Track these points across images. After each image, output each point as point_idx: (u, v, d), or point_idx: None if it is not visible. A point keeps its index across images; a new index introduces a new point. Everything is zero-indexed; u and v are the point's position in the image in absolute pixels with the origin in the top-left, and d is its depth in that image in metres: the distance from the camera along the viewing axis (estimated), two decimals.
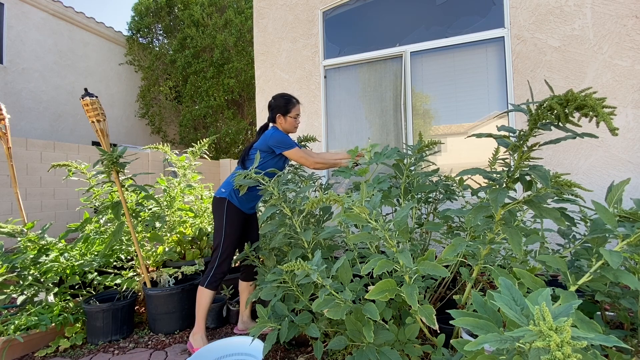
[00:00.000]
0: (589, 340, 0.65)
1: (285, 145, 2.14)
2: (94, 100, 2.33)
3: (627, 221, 1.16)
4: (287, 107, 2.24)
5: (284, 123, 2.25)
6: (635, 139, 2.64)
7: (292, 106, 2.25)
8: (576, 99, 0.98)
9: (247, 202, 2.17)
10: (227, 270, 2.10)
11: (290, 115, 2.25)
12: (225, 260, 2.07)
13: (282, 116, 2.24)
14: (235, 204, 2.10)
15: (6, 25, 7.07)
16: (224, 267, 2.07)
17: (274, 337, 1.59)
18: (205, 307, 2.05)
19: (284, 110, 2.24)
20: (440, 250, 2.91)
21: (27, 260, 2.32)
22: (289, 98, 2.27)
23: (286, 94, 2.31)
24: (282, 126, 2.26)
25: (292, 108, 2.25)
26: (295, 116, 2.28)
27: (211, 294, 2.05)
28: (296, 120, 2.29)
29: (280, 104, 2.25)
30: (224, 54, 8.79)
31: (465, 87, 3.24)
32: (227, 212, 2.10)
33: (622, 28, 2.67)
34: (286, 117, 2.24)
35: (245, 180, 1.95)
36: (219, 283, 2.08)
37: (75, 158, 5.85)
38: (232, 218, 2.09)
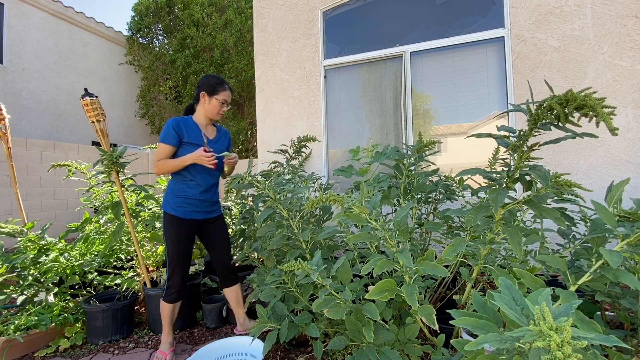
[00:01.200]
0: (589, 340, 0.65)
1: (160, 137, 1.96)
2: (94, 100, 2.33)
3: (626, 221, 1.16)
4: (216, 87, 2.03)
5: (207, 104, 2.03)
6: (635, 139, 2.64)
7: (221, 88, 2.04)
8: (576, 99, 0.98)
9: (181, 206, 1.98)
10: (178, 284, 2.01)
11: (216, 97, 2.02)
12: (174, 273, 1.99)
13: (207, 95, 2.02)
14: (171, 212, 1.98)
15: (6, 25, 7.07)
16: (175, 281, 2.00)
17: (274, 337, 1.59)
18: (168, 318, 2.05)
19: (211, 90, 2.02)
20: (440, 250, 2.91)
21: (27, 260, 2.32)
22: (222, 80, 2.08)
23: (219, 77, 2.10)
24: (204, 107, 2.04)
25: (222, 91, 2.03)
26: (223, 101, 2.05)
27: (170, 307, 2.03)
28: (222, 106, 2.06)
29: (210, 82, 2.04)
30: (224, 54, 8.78)
31: (465, 87, 3.24)
32: (164, 223, 2.00)
33: (622, 28, 2.67)
34: (211, 97, 2.02)
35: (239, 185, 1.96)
36: (176, 296, 2.02)
37: (75, 158, 5.84)
38: (169, 228, 1.98)
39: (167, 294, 2.02)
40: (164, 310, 2.04)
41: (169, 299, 2.02)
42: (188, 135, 1.99)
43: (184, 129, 1.98)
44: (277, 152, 3.48)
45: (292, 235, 1.87)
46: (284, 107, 4.00)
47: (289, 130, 3.96)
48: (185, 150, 1.98)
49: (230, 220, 3.38)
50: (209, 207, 2.10)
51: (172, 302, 2.03)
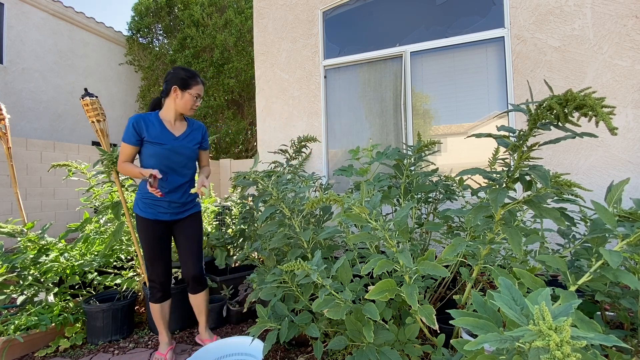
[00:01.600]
0: (588, 340, 0.65)
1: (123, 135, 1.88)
2: (94, 100, 2.33)
3: (626, 221, 1.16)
4: (189, 81, 1.90)
5: (179, 99, 1.91)
6: (635, 139, 2.64)
7: (194, 82, 1.91)
8: (575, 99, 0.98)
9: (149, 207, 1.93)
10: (160, 284, 1.97)
11: (189, 91, 1.90)
12: (152, 274, 1.97)
13: (180, 89, 1.90)
14: (139, 214, 1.95)
15: (6, 25, 7.07)
16: (154, 280, 1.97)
17: (274, 337, 1.59)
18: (159, 319, 2.03)
19: (183, 84, 1.89)
20: (440, 250, 2.91)
21: (27, 260, 2.32)
22: (195, 73, 1.95)
23: (190, 70, 1.97)
24: (175, 102, 1.92)
25: (195, 85, 1.91)
26: (196, 95, 1.93)
27: (157, 307, 2.00)
28: (195, 100, 1.94)
29: (181, 75, 1.90)
30: (224, 54, 8.79)
31: (465, 87, 3.24)
32: (136, 225, 1.97)
33: (622, 28, 2.67)
34: (184, 92, 1.90)
35: (244, 182, 1.96)
36: (160, 295, 1.99)
37: (75, 158, 5.85)
38: (140, 230, 1.95)
39: (151, 294, 2.00)
40: (153, 312, 2.02)
41: (153, 299, 2.00)
42: (149, 134, 1.89)
43: (143, 127, 1.88)
44: (277, 152, 3.48)
45: (293, 235, 1.87)
46: (284, 107, 4.00)
47: (289, 130, 3.96)
48: (148, 149, 1.89)
49: (230, 220, 3.38)
50: (177, 208, 2.00)
51: (157, 302, 2.00)
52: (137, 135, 1.87)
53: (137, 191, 2.01)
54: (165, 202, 1.96)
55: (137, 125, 1.87)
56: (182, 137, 1.99)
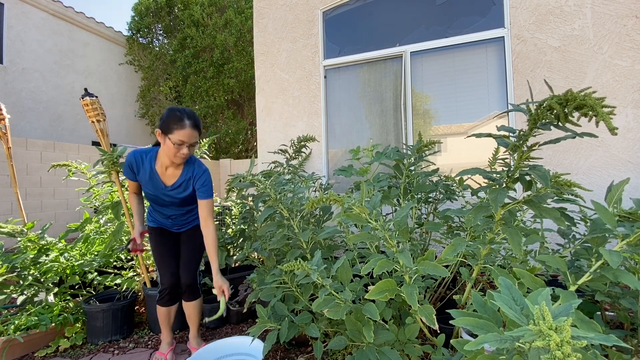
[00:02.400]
0: (588, 339, 0.65)
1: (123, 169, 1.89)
2: (94, 100, 2.33)
3: (626, 221, 1.16)
4: (171, 124, 1.66)
5: (163, 144, 1.73)
6: (635, 139, 2.64)
7: (178, 126, 1.65)
8: (575, 99, 0.98)
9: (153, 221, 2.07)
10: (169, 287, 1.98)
11: (170, 136, 1.67)
12: (161, 278, 2.01)
13: (162, 134, 1.70)
14: (148, 223, 2.09)
15: (6, 25, 7.07)
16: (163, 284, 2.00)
17: (274, 337, 1.59)
18: (164, 321, 2.05)
19: (165, 127, 1.68)
20: (440, 250, 2.91)
21: (27, 260, 2.32)
22: (180, 116, 1.66)
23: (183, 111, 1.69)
24: (162, 148, 1.76)
25: (178, 129, 1.65)
26: (180, 143, 1.68)
27: (164, 310, 2.02)
28: (179, 148, 1.69)
29: (167, 116, 1.69)
30: (224, 54, 8.79)
31: (465, 87, 3.24)
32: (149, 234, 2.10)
33: (622, 28, 2.67)
34: (165, 137, 1.69)
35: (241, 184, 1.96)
36: (167, 299, 2.00)
37: (75, 158, 5.85)
38: (150, 238, 2.07)
39: (159, 297, 2.02)
40: (159, 314, 2.04)
41: (160, 303, 2.02)
42: (139, 177, 1.87)
43: (135, 168, 1.85)
44: (277, 152, 3.48)
45: (292, 235, 1.87)
46: (284, 107, 4.00)
47: (289, 130, 3.96)
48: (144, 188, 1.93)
49: (230, 220, 3.38)
50: (180, 225, 2.08)
51: (164, 306, 2.02)
52: (133, 173, 1.88)
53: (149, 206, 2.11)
54: (168, 222, 2.06)
55: (131, 165, 1.85)
56: (170, 188, 1.90)
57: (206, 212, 1.90)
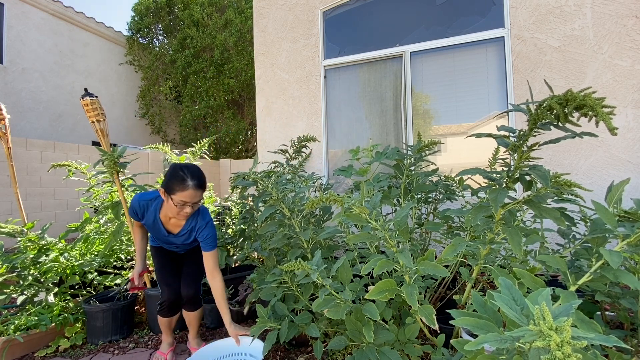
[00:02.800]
0: (589, 340, 0.65)
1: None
2: (94, 100, 2.33)
3: (627, 221, 1.16)
4: (173, 185, 1.64)
5: (166, 202, 1.72)
6: (635, 139, 2.64)
7: (180, 188, 1.63)
8: (575, 99, 0.98)
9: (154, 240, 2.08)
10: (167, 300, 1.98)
11: (173, 196, 1.65)
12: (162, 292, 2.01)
13: (165, 193, 1.69)
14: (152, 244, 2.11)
15: (6, 25, 7.08)
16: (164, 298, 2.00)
17: (274, 337, 1.59)
18: (165, 327, 2.06)
19: (168, 188, 1.67)
20: (440, 250, 2.91)
21: (27, 260, 2.32)
22: (184, 177, 1.63)
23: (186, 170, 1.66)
24: (165, 206, 1.78)
25: (179, 191, 1.63)
26: (182, 204, 1.66)
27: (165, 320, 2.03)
28: (182, 209, 1.68)
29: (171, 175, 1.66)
30: (224, 54, 8.79)
31: (465, 87, 3.24)
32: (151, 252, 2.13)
33: (622, 28, 2.67)
34: (169, 197, 1.67)
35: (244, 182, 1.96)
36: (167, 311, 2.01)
37: (75, 158, 5.85)
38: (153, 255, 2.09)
39: (160, 308, 2.04)
40: (160, 322, 2.06)
41: (161, 314, 2.04)
42: (145, 222, 1.91)
43: (139, 213, 1.87)
44: (277, 152, 3.48)
45: (293, 235, 1.87)
46: (284, 107, 4.00)
47: (289, 130, 3.96)
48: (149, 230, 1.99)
49: (230, 220, 3.38)
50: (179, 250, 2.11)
51: (165, 317, 2.03)
52: (136, 216, 1.90)
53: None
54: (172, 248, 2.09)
55: (134, 209, 1.88)
56: (174, 236, 1.93)
57: (212, 264, 1.88)
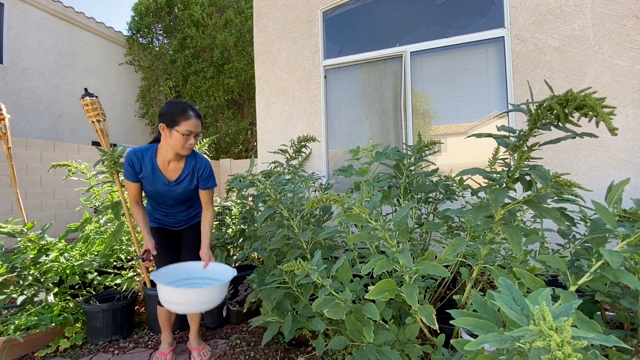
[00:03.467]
0: (589, 340, 0.65)
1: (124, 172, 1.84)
2: (94, 100, 2.33)
3: (627, 221, 1.16)
4: (176, 117, 1.71)
5: (168, 137, 1.74)
6: (635, 139, 2.64)
7: (184, 118, 1.71)
8: (576, 99, 0.98)
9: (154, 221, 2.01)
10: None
11: (177, 128, 1.71)
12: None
13: (167, 128, 1.73)
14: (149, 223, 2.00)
15: (6, 25, 7.07)
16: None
17: (276, 329, 1.61)
18: (165, 322, 2.04)
19: (170, 121, 1.71)
20: (440, 250, 2.91)
21: (27, 260, 2.32)
22: (186, 107, 1.74)
23: (183, 103, 1.75)
24: (166, 142, 1.77)
25: (184, 120, 1.71)
26: (187, 133, 1.72)
27: (165, 310, 2.00)
28: (187, 139, 1.74)
29: (170, 110, 1.73)
30: (224, 54, 8.78)
31: (465, 87, 3.24)
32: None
33: (622, 28, 2.67)
34: (172, 130, 1.72)
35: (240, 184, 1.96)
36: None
37: (75, 158, 5.85)
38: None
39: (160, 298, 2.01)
40: (160, 315, 2.04)
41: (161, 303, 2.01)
42: (142, 175, 1.85)
43: (137, 166, 1.82)
44: (277, 152, 3.48)
45: (292, 235, 1.87)
46: (284, 107, 4.00)
47: (289, 130, 3.96)
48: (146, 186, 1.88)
49: (230, 220, 3.38)
50: (181, 222, 2.07)
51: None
52: (133, 171, 1.83)
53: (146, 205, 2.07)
54: (169, 219, 2.04)
55: (131, 161, 1.82)
56: (174, 183, 1.90)
57: (207, 199, 1.99)
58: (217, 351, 2.10)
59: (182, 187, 1.92)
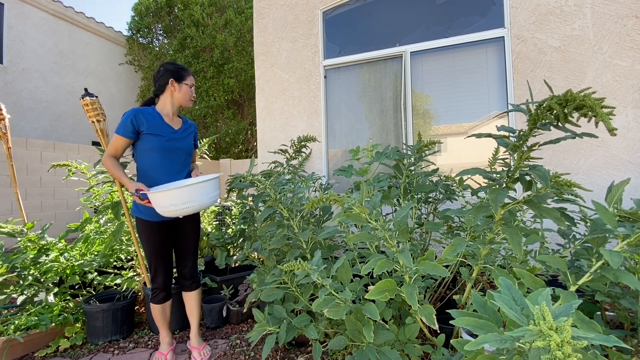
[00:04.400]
0: (589, 340, 0.65)
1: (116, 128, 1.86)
2: (94, 100, 2.33)
3: (627, 221, 1.16)
4: (182, 72, 1.96)
5: (177, 91, 1.95)
6: (635, 139, 2.64)
7: (187, 73, 1.98)
8: (575, 99, 0.98)
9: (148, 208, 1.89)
10: (162, 284, 1.98)
11: (185, 82, 1.97)
12: (156, 277, 1.97)
13: (176, 82, 1.94)
14: (142, 217, 1.93)
15: (6, 25, 7.07)
16: (158, 283, 1.98)
17: (273, 341, 1.59)
18: (160, 319, 2.03)
19: (178, 76, 1.95)
20: (440, 250, 2.91)
21: (27, 260, 2.32)
22: (182, 66, 2.02)
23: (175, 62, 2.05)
24: (174, 96, 1.96)
25: (188, 75, 1.98)
26: (192, 85, 2.01)
27: (159, 307, 2.00)
28: (192, 91, 2.01)
29: (174, 68, 1.97)
30: (224, 54, 8.78)
31: (465, 87, 3.24)
32: (137, 228, 1.97)
33: (622, 28, 2.67)
34: (181, 83, 1.96)
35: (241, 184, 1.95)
36: (163, 296, 2.00)
37: (75, 158, 5.85)
38: (143, 234, 1.94)
39: (153, 295, 2.00)
40: (154, 312, 2.02)
41: (155, 300, 2.00)
42: (149, 126, 1.88)
43: (143, 120, 1.87)
44: (277, 152, 3.48)
45: (292, 235, 1.87)
46: (284, 107, 4.00)
47: (289, 130, 3.96)
48: (147, 142, 1.87)
49: (230, 220, 3.38)
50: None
51: (159, 303, 2.01)
52: (133, 128, 1.85)
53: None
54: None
55: (136, 118, 1.85)
56: (180, 131, 2.01)
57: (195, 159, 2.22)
58: (217, 351, 2.10)
59: (186, 143, 2.02)
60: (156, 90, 1.98)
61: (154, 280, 1.99)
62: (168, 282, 2.02)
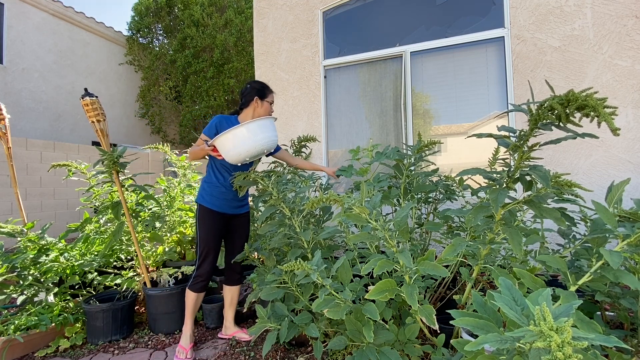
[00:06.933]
0: (589, 340, 0.65)
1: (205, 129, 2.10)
2: (94, 100, 2.33)
3: (627, 221, 1.16)
4: (265, 91, 2.20)
5: (259, 107, 2.17)
6: (635, 139, 2.64)
7: (269, 91, 2.22)
8: (577, 99, 0.98)
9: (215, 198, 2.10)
10: (207, 273, 2.11)
11: (267, 99, 2.19)
12: (203, 263, 2.09)
13: (260, 99, 2.17)
14: (205, 205, 2.10)
15: (6, 25, 7.07)
16: (203, 270, 2.09)
17: (274, 337, 1.59)
18: (191, 307, 2.11)
19: (262, 94, 2.18)
20: (440, 250, 2.91)
21: (27, 260, 2.32)
22: (266, 84, 2.24)
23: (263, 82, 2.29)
24: (256, 111, 2.18)
25: (269, 93, 2.21)
26: (272, 102, 2.23)
27: (195, 296, 2.10)
28: (271, 107, 2.23)
29: (259, 87, 2.20)
30: (224, 54, 8.78)
31: (466, 87, 3.24)
32: (198, 214, 2.12)
33: (622, 28, 2.67)
34: (263, 101, 2.18)
35: (244, 182, 1.96)
36: (202, 285, 2.10)
37: (75, 158, 5.85)
38: (203, 220, 2.10)
39: (194, 282, 2.09)
40: (188, 300, 2.10)
41: (194, 288, 2.09)
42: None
43: (225, 125, 2.07)
44: None
45: (293, 235, 1.87)
46: (284, 107, 4.00)
47: (289, 130, 3.96)
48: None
49: None
50: (237, 203, 2.19)
51: (197, 292, 2.09)
52: (216, 130, 2.05)
53: (202, 184, 2.17)
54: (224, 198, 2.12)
55: (220, 122, 2.08)
56: None
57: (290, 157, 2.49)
58: (217, 351, 2.10)
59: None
60: (242, 105, 2.19)
61: (199, 267, 2.09)
62: (211, 272, 2.13)
